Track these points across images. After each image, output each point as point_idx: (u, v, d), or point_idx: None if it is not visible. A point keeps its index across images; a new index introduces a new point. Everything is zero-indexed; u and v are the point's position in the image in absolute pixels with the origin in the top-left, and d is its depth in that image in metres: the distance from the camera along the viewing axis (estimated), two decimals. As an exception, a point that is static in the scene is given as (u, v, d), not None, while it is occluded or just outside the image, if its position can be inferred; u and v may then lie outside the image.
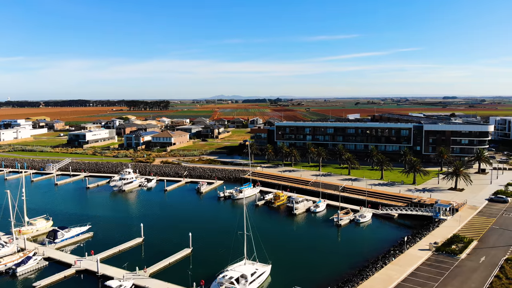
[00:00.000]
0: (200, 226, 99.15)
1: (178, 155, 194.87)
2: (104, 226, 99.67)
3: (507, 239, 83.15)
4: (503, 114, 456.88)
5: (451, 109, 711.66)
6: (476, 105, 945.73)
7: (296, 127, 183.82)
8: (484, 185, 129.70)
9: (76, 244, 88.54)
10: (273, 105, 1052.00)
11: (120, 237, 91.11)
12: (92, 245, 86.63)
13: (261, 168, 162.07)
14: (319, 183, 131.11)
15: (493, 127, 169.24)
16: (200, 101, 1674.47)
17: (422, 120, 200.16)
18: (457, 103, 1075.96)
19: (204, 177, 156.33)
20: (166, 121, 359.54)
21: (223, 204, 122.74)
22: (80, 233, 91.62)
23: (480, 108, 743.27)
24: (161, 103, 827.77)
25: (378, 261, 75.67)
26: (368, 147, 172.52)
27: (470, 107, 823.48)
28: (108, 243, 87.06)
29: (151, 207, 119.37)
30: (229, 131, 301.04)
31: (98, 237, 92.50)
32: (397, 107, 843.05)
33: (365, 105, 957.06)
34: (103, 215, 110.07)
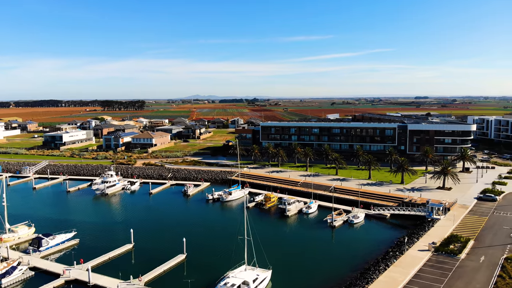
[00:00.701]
0: (192, 230, 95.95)
1: (160, 156, 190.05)
2: (90, 232, 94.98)
3: (503, 238, 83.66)
4: (475, 113, 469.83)
5: (425, 108, 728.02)
6: (448, 104, 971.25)
7: (282, 127, 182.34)
8: (471, 184, 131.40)
9: (62, 252, 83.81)
10: (250, 105, 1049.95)
11: (109, 244, 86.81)
12: (79, 252, 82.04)
13: (248, 169, 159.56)
14: (311, 184, 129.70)
15: (475, 126, 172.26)
16: (176, 101, 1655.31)
17: (405, 120, 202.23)
18: (430, 103, 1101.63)
19: (190, 179, 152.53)
20: (144, 122, 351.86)
21: (212, 207, 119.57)
22: (66, 240, 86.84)
23: (452, 108, 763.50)
24: (136, 103, 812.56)
25: (379, 263, 74.53)
26: (353, 147, 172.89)
27: (442, 107, 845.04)
28: (96, 251, 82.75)
29: (137, 211, 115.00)
30: (211, 131, 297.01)
31: (85, 244, 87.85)
32: (371, 107, 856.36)
33: (340, 105, 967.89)
34: (88, 220, 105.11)
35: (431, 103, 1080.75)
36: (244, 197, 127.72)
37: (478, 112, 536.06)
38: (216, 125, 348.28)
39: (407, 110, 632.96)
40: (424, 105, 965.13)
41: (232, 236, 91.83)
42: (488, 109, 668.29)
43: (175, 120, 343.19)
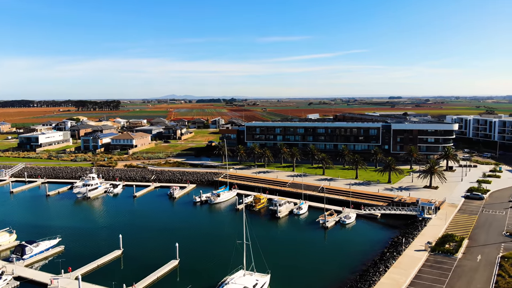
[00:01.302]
0: (182, 234, 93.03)
1: (142, 158, 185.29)
2: (75, 239, 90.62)
3: (495, 237, 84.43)
4: (449, 113, 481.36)
5: (399, 108, 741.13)
6: (421, 104, 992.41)
7: (267, 127, 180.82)
8: (456, 182, 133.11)
9: (47, 260, 79.43)
10: (229, 105, 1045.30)
11: (96, 250, 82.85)
12: (65, 260, 77.75)
13: (234, 170, 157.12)
14: (299, 184, 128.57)
15: (457, 125, 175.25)
16: (151, 101, 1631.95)
17: (388, 120, 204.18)
18: (404, 103, 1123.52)
19: (174, 181, 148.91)
20: (122, 122, 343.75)
21: (201, 210, 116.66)
22: (50, 247, 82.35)
23: (426, 108, 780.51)
24: (111, 103, 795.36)
25: (377, 264, 73.66)
26: (338, 147, 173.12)
27: (416, 106, 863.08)
28: (82, 258, 78.70)
29: (123, 215, 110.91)
30: (192, 131, 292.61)
31: (70, 251, 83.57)
32: (347, 107, 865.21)
33: (317, 105, 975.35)
34: (72, 225, 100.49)
35: (405, 103, 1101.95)
36: (233, 198, 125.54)
37: (451, 111, 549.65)
38: (197, 125, 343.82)
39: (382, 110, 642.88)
40: (399, 104, 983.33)
41: (225, 240, 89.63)
42: (461, 109, 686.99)
43: (154, 120, 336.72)
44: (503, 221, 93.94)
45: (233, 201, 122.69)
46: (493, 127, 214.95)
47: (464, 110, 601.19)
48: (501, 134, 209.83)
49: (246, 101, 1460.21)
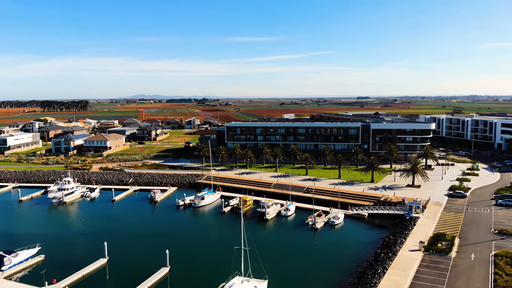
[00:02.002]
0: (170, 240, 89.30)
1: (117, 160, 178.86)
2: (56, 247, 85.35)
3: (484, 235, 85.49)
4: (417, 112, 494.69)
5: (369, 108, 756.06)
6: (389, 104, 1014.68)
7: (247, 128, 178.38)
8: (437, 181, 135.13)
9: (28, 271, 74.16)
10: (201, 105, 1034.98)
11: (79, 259, 78.30)
12: (47, 270, 72.64)
13: (215, 171, 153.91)
14: (284, 185, 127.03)
15: (434, 125, 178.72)
16: (120, 101, 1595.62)
17: (366, 119, 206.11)
18: (372, 103, 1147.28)
19: (154, 184, 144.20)
20: (93, 123, 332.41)
21: (185, 214, 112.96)
22: (30, 257, 77.07)
23: (394, 107, 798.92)
24: (79, 103, 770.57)
25: (373, 265, 72.74)
26: (318, 147, 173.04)
27: (385, 106, 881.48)
28: (65, 268, 74.07)
29: (103, 220, 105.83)
30: (167, 132, 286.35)
31: (51, 261, 78.41)
32: (318, 107, 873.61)
33: (289, 105, 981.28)
34: (50, 233, 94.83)
35: (373, 103, 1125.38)
36: (217, 201, 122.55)
37: (419, 111, 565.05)
38: (171, 126, 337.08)
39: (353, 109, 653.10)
40: (368, 104, 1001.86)
41: (217, 245, 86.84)
42: (428, 108, 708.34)
43: (126, 121, 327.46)
44: (489, 219, 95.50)
45: (218, 204, 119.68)
46: (466, 126, 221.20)
47: (432, 110, 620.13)
48: (473, 133, 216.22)
49: (218, 101, 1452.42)
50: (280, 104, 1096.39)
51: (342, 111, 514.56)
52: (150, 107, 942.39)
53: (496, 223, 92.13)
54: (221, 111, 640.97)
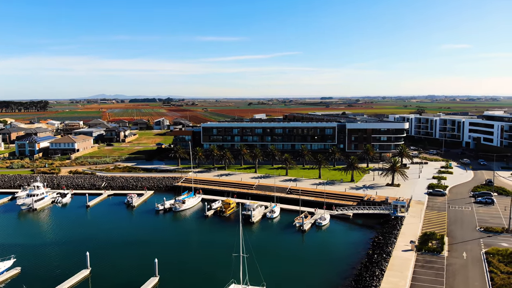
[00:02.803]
0: (155, 248, 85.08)
1: (87, 163, 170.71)
2: (32, 258, 79.31)
3: (471, 232, 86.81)
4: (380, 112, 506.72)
5: (334, 108, 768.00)
6: (353, 104, 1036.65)
7: (224, 128, 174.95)
8: (414, 179, 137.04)
9: (4, 285, 68.14)
10: (166, 105, 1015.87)
11: (58, 271, 73.07)
12: (25, 284, 67.13)
13: (193, 173, 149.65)
14: (267, 186, 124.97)
15: (407, 124, 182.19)
16: (80, 101, 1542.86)
17: (341, 119, 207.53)
18: (336, 103, 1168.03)
19: (128, 188, 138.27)
20: (56, 124, 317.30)
21: (167, 219, 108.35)
22: (5, 270, 71.00)
23: (358, 107, 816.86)
24: (39, 103, 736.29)
25: (369, 267, 71.80)
26: (295, 147, 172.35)
27: (349, 106, 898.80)
28: (44, 280, 69.14)
29: (79, 228, 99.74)
30: (136, 133, 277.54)
31: (29, 273, 72.60)
32: (285, 107, 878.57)
33: (256, 105, 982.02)
34: (24, 243, 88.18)
35: (338, 103, 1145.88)
36: (199, 204, 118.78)
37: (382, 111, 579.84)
38: (139, 127, 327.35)
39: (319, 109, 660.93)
40: (333, 105, 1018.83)
41: (206, 251, 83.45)
42: (390, 108, 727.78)
43: (92, 121, 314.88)
44: (472, 216, 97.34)
45: (199, 208, 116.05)
46: (434, 126, 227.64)
47: (395, 109, 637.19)
48: (442, 132, 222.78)
49: (183, 100, 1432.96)
50: (248, 104, 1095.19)
51: (309, 111, 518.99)
52: (113, 107, 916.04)
53: (479, 220, 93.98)
54: (189, 111, 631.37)
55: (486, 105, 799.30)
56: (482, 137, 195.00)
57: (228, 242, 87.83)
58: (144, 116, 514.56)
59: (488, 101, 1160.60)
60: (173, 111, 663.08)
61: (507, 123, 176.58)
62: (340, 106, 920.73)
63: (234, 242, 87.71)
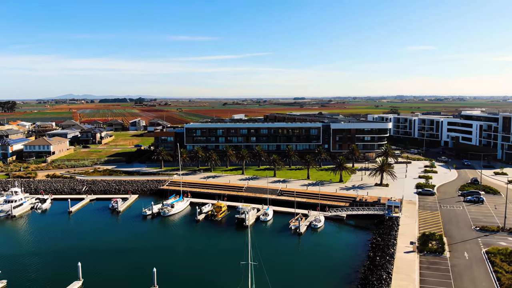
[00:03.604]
0: (151, 256, 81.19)
1: (64, 166, 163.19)
2: (18, 269, 73.91)
3: (468, 232, 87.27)
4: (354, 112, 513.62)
5: (308, 108, 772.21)
6: (326, 104, 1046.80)
7: (208, 129, 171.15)
8: (401, 179, 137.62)
9: (-12, 303, 62.90)
10: (138, 105, 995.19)
11: (48, 283, 68.31)
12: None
13: (178, 176, 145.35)
14: (257, 188, 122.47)
15: (391, 124, 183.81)
16: (48, 101, 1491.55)
17: (324, 120, 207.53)
18: (309, 103, 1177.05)
19: (111, 192, 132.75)
20: (27, 125, 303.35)
21: (156, 224, 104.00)
22: (-11, 286, 65.54)
23: (331, 107, 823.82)
24: (6, 104, 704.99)
25: (374, 270, 70.49)
26: (281, 147, 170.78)
27: (322, 106, 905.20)
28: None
29: (65, 235, 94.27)
30: (112, 135, 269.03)
31: (16, 287, 67.37)
32: (260, 107, 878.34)
33: (231, 106, 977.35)
34: (6, 253, 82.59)
35: (311, 103, 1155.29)
36: (187, 208, 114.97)
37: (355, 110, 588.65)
38: (114, 128, 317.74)
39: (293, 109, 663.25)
40: (306, 105, 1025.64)
41: (205, 259, 79.94)
42: (363, 108, 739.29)
43: (65, 123, 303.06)
44: (465, 215, 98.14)
45: (189, 212, 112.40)
46: (413, 125, 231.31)
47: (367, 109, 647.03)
48: (420, 132, 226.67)
49: (155, 100, 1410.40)
50: (223, 104, 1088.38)
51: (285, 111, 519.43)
52: (83, 108, 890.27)
53: (473, 219, 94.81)
54: (162, 111, 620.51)
55: (454, 105, 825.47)
56: (460, 136, 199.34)
57: (226, 248, 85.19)
58: (117, 116, 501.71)
59: (455, 101, 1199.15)
60: (146, 112, 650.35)
61: (486, 122, 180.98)
62: (314, 106, 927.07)
63: (232, 247, 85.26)
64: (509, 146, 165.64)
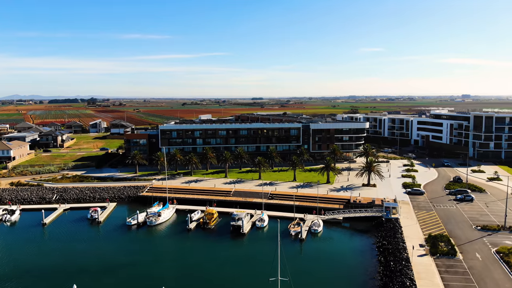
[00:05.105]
0: (152, 274, 74.22)
1: (28, 173, 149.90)
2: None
3: (470, 232, 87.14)
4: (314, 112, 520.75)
5: (269, 108, 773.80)
6: (285, 104, 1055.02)
7: (185, 131, 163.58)
8: (386, 179, 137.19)
9: None
10: (91, 106, 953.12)
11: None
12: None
13: (156, 181, 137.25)
14: (244, 192, 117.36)
15: (368, 124, 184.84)
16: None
17: (302, 120, 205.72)
18: (269, 103, 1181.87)
19: (85, 200, 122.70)
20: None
21: (144, 235, 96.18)
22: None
23: (291, 107, 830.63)
24: None
25: (393, 277, 67.88)
26: (260, 148, 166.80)
27: (282, 107, 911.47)
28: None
29: (44, 252, 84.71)
30: (73, 137, 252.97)
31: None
32: (220, 107, 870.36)
33: (190, 106, 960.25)
34: (-20, 277, 72.03)
35: (271, 103, 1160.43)
36: (174, 216, 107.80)
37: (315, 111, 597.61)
38: (73, 130, 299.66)
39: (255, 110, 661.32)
40: (266, 105, 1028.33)
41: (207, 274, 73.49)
42: (321, 108, 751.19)
43: (20, 125, 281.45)
44: (460, 215, 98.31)
45: (176, 220, 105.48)
46: (383, 124, 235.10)
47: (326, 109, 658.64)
48: (390, 131, 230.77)
49: (108, 101, 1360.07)
50: (182, 104, 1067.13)
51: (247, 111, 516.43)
52: (32, 109, 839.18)
53: (471, 219, 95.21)
54: (119, 112, 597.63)
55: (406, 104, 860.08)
56: (430, 135, 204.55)
57: (230, 260, 79.83)
58: (71, 118, 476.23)
59: (406, 101, 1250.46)
60: (101, 112, 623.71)
61: (457, 121, 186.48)
62: (274, 106, 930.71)
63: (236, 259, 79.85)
64: (480, 144, 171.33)
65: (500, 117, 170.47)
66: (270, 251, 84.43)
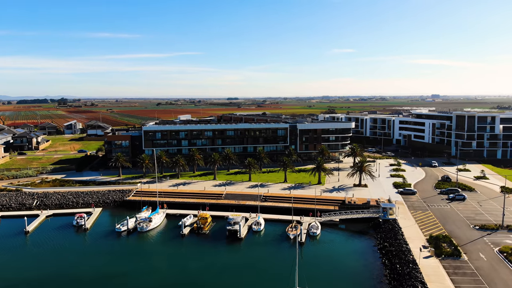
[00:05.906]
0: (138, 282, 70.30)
1: (5, 177, 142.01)
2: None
3: (469, 232, 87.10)
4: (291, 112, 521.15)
5: (246, 108, 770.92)
6: (261, 104, 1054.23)
7: (170, 131, 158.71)
8: (376, 178, 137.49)
9: None
10: (63, 106, 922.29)
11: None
12: None
13: (142, 184, 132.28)
14: (236, 194, 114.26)
15: (353, 124, 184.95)
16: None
17: (288, 120, 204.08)
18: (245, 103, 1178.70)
19: (68, 206, 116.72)
20: None
21: (136, 243, 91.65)
22: None
23: (268, 107, 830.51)
24: None
25: (402, 281, 66.63)
26: (247, 149, 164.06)
27: (258, 107, 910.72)
28: None
29: (27, 263, 79.24)
30: (48, 139, 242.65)
31: None
32: (195, 107, 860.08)
33: (165, 106, 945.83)
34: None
35: (247, 103, 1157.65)
36: (164, 221, 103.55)
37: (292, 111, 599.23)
38: (47, 131, 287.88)
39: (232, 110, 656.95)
40: (243, 105, 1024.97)
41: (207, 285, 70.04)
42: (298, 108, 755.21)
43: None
44: (456, 215, 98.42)
45: (167, 225, 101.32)
46: (364, 124, 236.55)
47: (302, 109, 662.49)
48: (372, 130, 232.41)
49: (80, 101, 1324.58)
50: (156, 104, 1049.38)
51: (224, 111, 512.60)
52: (1, 110, 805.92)
53: (468, 218, 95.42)
54: (90, 112, 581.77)
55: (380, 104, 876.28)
56: (412, 134, 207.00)
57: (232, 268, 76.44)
58: (43, 119, 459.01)
59: (378, 101, 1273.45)
60: (74, 113, 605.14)
61: (439, 120, 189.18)
62: (251, 106, 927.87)
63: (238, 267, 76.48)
64: (463, 143, 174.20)
65: (482, 116, 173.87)
66: (270, 256, 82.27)
